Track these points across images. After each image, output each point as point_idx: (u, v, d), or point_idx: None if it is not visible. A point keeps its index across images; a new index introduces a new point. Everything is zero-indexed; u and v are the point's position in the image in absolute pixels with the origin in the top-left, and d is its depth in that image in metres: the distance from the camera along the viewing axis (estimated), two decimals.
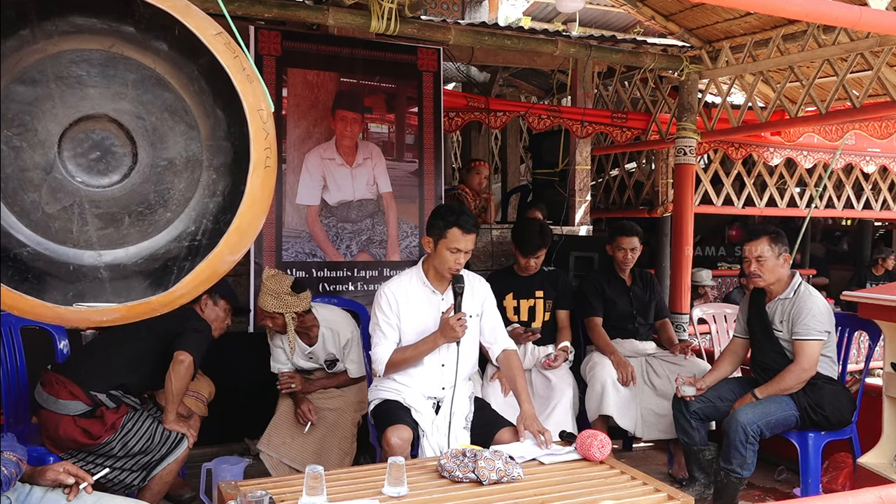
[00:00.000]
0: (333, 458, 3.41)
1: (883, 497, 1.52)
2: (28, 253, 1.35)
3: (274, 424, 3.51)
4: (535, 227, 3.97)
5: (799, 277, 3.48)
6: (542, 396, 3.70)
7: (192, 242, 1.39)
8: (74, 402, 2.86)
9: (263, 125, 1.34)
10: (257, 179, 1.33)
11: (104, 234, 1.39)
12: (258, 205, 1.37)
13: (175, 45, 1.35)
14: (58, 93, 1.34)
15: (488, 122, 4.95)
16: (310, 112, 4.26)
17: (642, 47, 4.88)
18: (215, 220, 1.38)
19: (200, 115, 1.38)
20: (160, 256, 1.40)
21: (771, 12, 2.74)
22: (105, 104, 1.36)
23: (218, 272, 1.39)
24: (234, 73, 1.31)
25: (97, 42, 1.34)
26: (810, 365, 3.27)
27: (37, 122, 1.34)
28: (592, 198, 6.01)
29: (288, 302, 3.35)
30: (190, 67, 1.36)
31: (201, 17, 1.33)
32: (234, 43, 1.36)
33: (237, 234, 1.34)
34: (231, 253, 1.38)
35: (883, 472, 3.16)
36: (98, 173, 1.38)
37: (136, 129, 1.38)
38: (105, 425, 2.86)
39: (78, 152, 1.37)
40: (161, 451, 2.96)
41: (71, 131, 1.36)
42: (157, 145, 1.39)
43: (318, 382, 3.63)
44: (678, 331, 4.70)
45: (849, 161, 6.43)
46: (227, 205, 1.37)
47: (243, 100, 1.31)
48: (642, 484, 2.40)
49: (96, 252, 1.39)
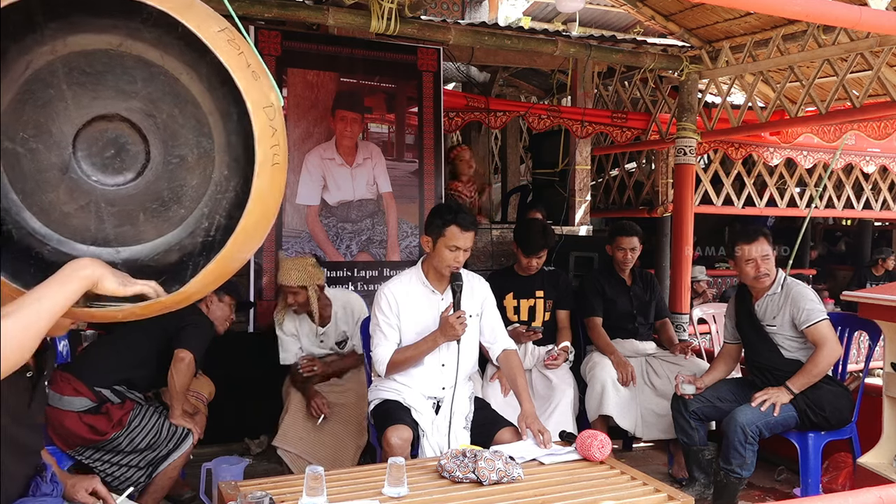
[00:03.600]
0: (349, 452, 3.46)
1: (883, 497, 1.52)
2: (49, 251, 1.38)
3: (288, 421, 3.51)
4: (538, 227, 3.99)
5: (782, 272, 3.52)
6: (543, 396, 3.70)
7: (206, 238, 1.41)
8: (79, 398, 2.89)
9: (270, 122, 1.34)
10: (265, 177, 1.34)
11: (121, 231, 1.41)
12: (267, 202, 1.38)
13: (182, 42, 1.35)
14: (70, 94, 1.36)
15: (488, 122, 4.95)
16: (310, 112, 4.26)
17: (642, 47, 4.88)
18: (228, 216, 1.39)
19: (211, 111, 1.39)
20: (175, 252, 1.42)
21: (771, 12, 2.75)
22: (116, 103, 1.38)
23: (228, 270, 1.41)
24: (236, 71, 1.30)
25: (105, 42, 1.35)
26: (835, 344, 3.30)
27: (51, 123, 1.36)
28: (592, 198, 6.01)
29: (312, 273, 3.46)
30: (199, 64, 1.37)
31: (205, 14, 1.33)
32: (239, 38, 1.36)
33: (246, 232, 1.35)
34: (241, 251, 1.39)
35: (883, 472, 3.16)
36: (113, 172, 1.40)
37: (147, 128, 1.39)
38: (111, 421, 2.89)
39: (92, 152, 1.39)
40: (168, 447, 2.98)
41: (85, 131, 1.38)
42: (169, 142, 1.40)
43: (333, 364, 3.68)
44: (678, 331, 4.70)
45: (849, 161, 6.43)
46: (239, 201, 1.38)
47: (246, 97, 1.30)
48: (642, 484, 2.40)
49: (114, 249, 1.41)
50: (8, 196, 1.35)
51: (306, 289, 3.46)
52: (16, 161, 1.34)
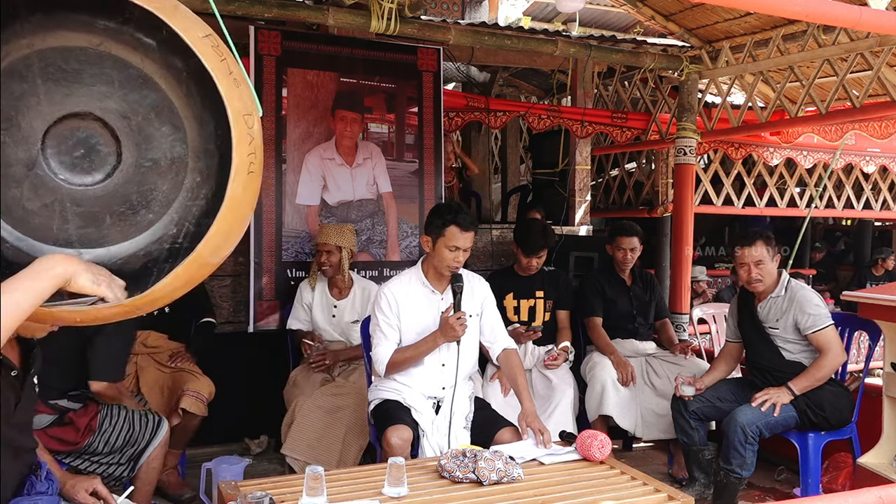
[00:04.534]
0: (352, 453, 3.49)
1: (883, 497, 1.52)
2: (8, 249, 1.35)
3: (296, 429, 3.50)
4: (538, 227, 3.99)
5: (786, 274, 3.50)
6: (543, 396, 3.70)
7: (174, 245, 1.38)
8: (38, 416, 2.76)
9: (249, 130, 1.32)
10: (239, 184, 1.31)
11: (84, 233, 1.38)
12: (240, 210, 1.35)
13: (164, 46, 1.33)
14: (43, 89, 1.33)
15: (488, 122, 4.95)
16: (310, 112, 4.26)
17: (642, 47, 4.88)
18: (197, 224, 1.37)
19: (187, 116, 1.37)
20: (140, 257, 1.39)
21: (771, 12, 2.74)
22: (91, 102, 1.35)
23: (197, 275, 1.37)
24: (219, 78, 1.29)
25: (85, 39, 1.33)
26: (839, 349, 3.31)
27: (21, 117, 1.33)
28: (592, 198, 6.01)
29: (349, 238, 3.84)
30: (178, 69, 1.35)
31: (190, 19, 1.31)
32: (223, 46, 1.34)
33: (217, 238, 1.32)
34: (211, 256, 1.35)
35: (883, 472, 3.16)
36: (81, 171, 1.37)
37: (121, 129, 1.36)
38: (79, 430, 2.80)
39: (61, 150, 1.36)
40: (145, 438, 2.92)
41: (55, 128, 1.35)
42: (142, 146, 1.37)
43: (342, 353, 3.82)
44: (678, 331, 4.70)
45: (849, 161, 6.43)
46: (209, 208, 1.35)
47: (227, 104, 1.29)
48: (642, 484, 2.40)
49: (76, 250, 1.38)
50: None
51: (341, 250, 3.80)
52: None
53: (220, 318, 4.09)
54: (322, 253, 3.82)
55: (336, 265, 3.81)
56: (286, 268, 4.21)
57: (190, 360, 3.55)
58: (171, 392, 3.45)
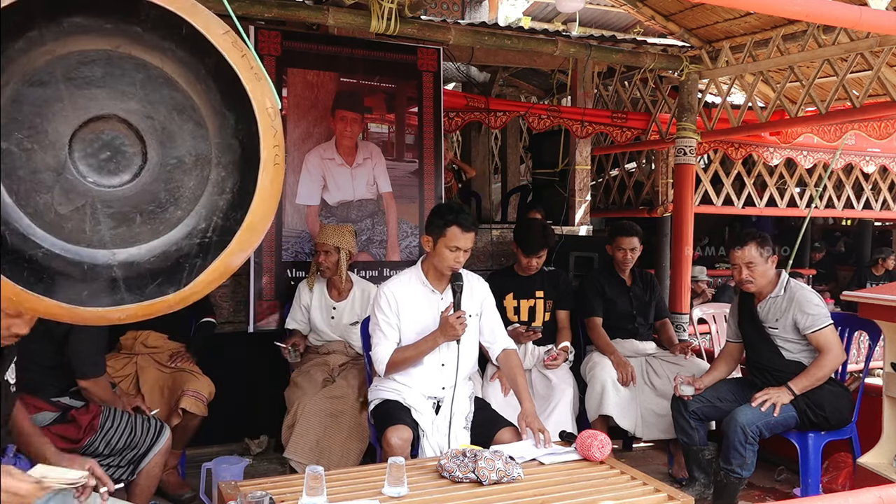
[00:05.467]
0: (353, 454, 3.49)
1: (883, 497, 1.52)
2: (43, 254, 1.37)
3: (299, 431, 3.49)
4: (538, 227, 3.99)
5: (785, 274, 3.51)
6: (543, 396, 3.70)
7: (203, 239, 1.41)
8: (41, 413, 2.80)
9: (272, 123, 1.37)
10: (267, 176, 1.36)
11: (117, 234, 1.41)
12: (268, 202, 1.40)
13: (182, 45, 1.36)
14: (67, 94, 1.35)
15: (488, 122, 4.95)
16: (310, 112, 4.26)
17: (642, 47, 4.88)
18: (225, 217, 1.40)
19: (208, 113, 1.40)
20: (172, 254, 1.42)
21: (771, 12, 2.74)
22: (114, 104, 1.37)
23: (230, 269, 1.42)
24: (242, 72, 1.32)
25: (105, 42, 1.35)
26: (839, 350, 3.31)
27: (47, 123, 1.35)
28: (592, 198, 6.01)
29: (347, 239, 3.83)
30: (197, 66, 1.37)
31: (208, 17, 1.34)
32: (240, 42, 1.38)
33: (249, 231, 1.37)
34: (243, 249, 1.41)
35: (883, 472, 3.16)
36: (109, 173, 1.39)
37: (145, 129, 1.39)
38: (81, 427, 2.81)
39: (88, 153, 1.38)
40: (146, 443, 2.92)
41: (81, 132, 1.37)
42: (167, 144, 1.40)
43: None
44: (678, 331, 4.70)
45: (849, 161, 6.43)
46: (236, 202, 1.39)
47: (252, 98, 1.32)
48: (642, 484, 2.40)
49: (110, 251, 1.40)
50: (1, 198, 1.34)
51: (339, 251, 3.78)
52: (10, 162, 1.33)
53: (220, 318, 4.09)
54: (320, 253, 3.81)
55: (334, 266, 3.80)
56: (286, 268, 4.21)
57: (190, 360, 3.55)
58: (171, 392, 3.45)
